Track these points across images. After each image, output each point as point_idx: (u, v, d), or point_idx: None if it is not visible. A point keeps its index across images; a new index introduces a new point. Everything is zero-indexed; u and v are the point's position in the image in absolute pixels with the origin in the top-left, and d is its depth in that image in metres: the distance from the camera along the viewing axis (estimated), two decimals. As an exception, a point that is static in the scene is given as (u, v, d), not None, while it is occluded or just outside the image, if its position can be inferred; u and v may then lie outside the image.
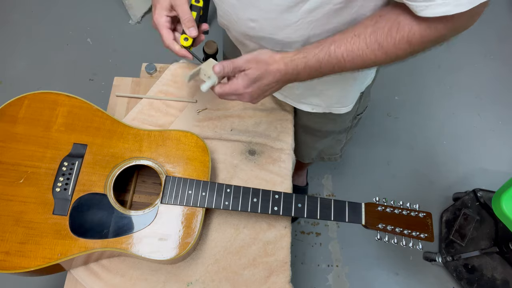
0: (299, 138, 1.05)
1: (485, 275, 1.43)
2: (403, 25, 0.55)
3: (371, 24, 0.58)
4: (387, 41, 0.57)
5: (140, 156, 0.78)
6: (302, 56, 0.62)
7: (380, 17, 0.58)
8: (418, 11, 0.52)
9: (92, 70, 1.89)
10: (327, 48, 0.60)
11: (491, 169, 1.72)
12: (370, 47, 0.58)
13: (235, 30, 0.74)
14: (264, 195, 0.75)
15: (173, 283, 0.77)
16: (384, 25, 0.57)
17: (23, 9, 2.05)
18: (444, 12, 0.50)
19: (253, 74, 0.63)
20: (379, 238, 0.73)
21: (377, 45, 0.58)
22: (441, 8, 0.50)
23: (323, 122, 0.97)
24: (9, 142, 0.77)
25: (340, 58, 0.60)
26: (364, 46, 0.58)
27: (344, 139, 1.10)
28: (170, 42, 0.70)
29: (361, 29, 0.59)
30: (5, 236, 0.70)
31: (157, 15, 0.70)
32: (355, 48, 0.59)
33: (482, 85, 1.93)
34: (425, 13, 0.51)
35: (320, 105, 0.89)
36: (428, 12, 0.51)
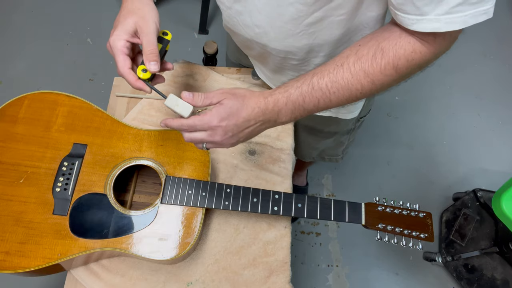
0: (301, 138, 1.05)
1: (485, 275, 1.43)
2: (387, 50, 0.54)
3: (353, 53, 0.56)
4: (373, 67, 0.54)
5: (140, 156, 0.78)
6: (283, 90, 0.58)
7: (360, 46, 0.56)
8: (409, 24, 0.51)
9: (92, 70, 1.89)
10: (309, 80, 0.57)
11: (491, 169, 1.72)
12: (355, 76, 0.55)
13: (241, 35, 0.74)
14: (264, 195, 0.75)
15: (173, 283, 0.77)
16: (367, 52, 0.55)
17: (23, 9, 2.05)
18: (434, 29, 0.49)
19: (229, 104, 0.56)
20: (379, 238, 0.73)
21: (363, 73, 0.55)
22: (432, 24, 0.49)
23: (326, 123, 0.98)
24: (9, 142, 0.77)
25: (325, 89, 0.56)
26: (348, 75, 0.55)
27: (346, 141, 1.10)
28: (125, 70, 0.62)
29: (343, 59, 0.56)
30: (5, 236, 0.70)
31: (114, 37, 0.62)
32: (339, 77, 0.56)
33: (482, 85, 1.93)
34: (416, 27, 0.50)
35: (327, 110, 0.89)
36: (418, 27, 0.50)
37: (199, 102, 0.58)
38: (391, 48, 0.54)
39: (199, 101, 0.58)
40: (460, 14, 0.47)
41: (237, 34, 0.75)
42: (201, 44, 1.10)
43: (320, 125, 0.99)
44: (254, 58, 0.83)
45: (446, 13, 0.47)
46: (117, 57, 0.62)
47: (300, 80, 0.58)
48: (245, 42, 0.76)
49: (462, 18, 0.47)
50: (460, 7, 0.47)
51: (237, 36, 0.77)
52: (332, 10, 0.59)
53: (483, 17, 0.47)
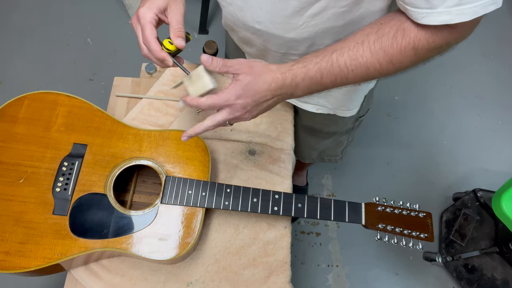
0: (300, 139, 1.05)
1: (485, 275, 1.43)
2: (408, 31, 0.53)
3: (374, 31, 0.55)
4: (393, 47, 0.54)
5: (140, 156, 0.78)
6: (301, 66, 0.57)
7: (382, 24, 0.55)
8: (419, 18, 0.51)
9: (92, 70, 1.89)
10: (328, 57, 0.56)
11: (491, 169, 1.72)
12: (375, 55, 0.55)
13: (241, 31, 0.74)
14: (264, 195, 0.75)
15: (173, 283, 0.77)
16: (388, 31, 0.54)
17: (23, 9, 2.05)
18: (445, 21, 0.49)
19: (245, 81, 0.56)
20: (379, 238, 0.73)
21: (382, 52, 0.54)
22: (443, 17, 0.49)
23: (325, 123, 0.98)
24: (9, 142, 0.77)
25: (343, 67, 0.56)
26: (368, 53, 0.55)
27: (346, 141, 1.10)
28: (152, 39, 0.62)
29: (364, 37, 0.55)
30: (5, 236, 0.70)
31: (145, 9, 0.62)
32: (358, 55, 0.55)
33: (482, 85, 1.93)
34: (426, 21, 0.50)
35: (326, 106, 0.89)
36: (429, 20, 0.50)
37: (217, 67, 0.58)
38: (413, 29, 0.53)
39: (217, 66, 0.58)
40: (470, 5, 0.47)
41: (236, 31, 0.75)
42: (201, 44, 1.10)
43: (320, 125, 0.99)
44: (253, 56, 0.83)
45: (456, 5, 0.47)
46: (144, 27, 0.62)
47: (319, 56, 0.57)
48: (245, 39, 0.76)
49: (472, 9, 0.47)
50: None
51: (236, 33, 0.77)
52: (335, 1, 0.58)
53: (492, 7, 0.48)
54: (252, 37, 0.73)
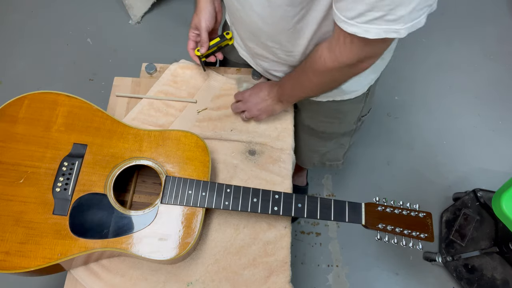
0: (302, 141, 1.05)
1: (485, 275, 1.43)
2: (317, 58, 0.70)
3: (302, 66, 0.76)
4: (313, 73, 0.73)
5: (140, 156, 0.78)
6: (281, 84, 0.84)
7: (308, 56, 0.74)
8: (338, 21, 0.60)
9: (92, 70, 1.89)
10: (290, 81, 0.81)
11: (491, 169, 1.72)
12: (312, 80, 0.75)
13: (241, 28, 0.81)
14: (264, 195, 0.75)
15: (173, 283, 0.77)
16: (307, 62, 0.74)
17: (23, 9, 2.05)
18: (353, 32, 0.58)
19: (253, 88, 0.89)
20: (379, 238, 0.73)
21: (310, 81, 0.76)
22: (352, 28, 0.58)
23: (328, 122, 0.97)
24: (9, 142, 0.77)
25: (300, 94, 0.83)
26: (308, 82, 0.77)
27: (347, 144, 1.10)
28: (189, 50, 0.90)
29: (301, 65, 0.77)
30: (5, 236, 0.70)
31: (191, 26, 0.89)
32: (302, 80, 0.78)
33: (482, 85, 1.93)
34: (341, 25, 0.59)
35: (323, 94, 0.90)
36: (343, 26, 0.59)
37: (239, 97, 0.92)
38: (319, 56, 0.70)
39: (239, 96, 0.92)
40: (375, 26, 0.56)
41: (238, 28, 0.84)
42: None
43: (323, 126, 0.99)
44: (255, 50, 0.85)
45: (365, 23, 0.57)
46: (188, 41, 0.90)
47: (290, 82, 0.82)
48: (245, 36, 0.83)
49: (377, 30, 0.57)
50: (376, 21, 0.55)
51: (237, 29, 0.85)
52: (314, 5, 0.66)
53: (393, 35, 0.57)
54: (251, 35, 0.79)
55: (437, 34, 2.02)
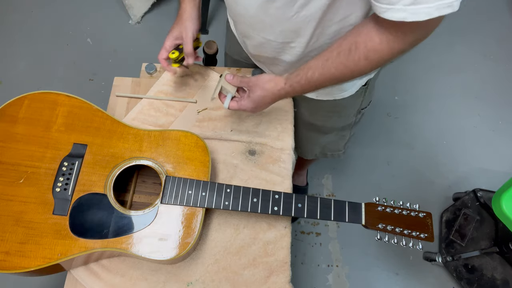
0: (303, 134, 1.05)
1: (485, 275, 1.43)
2: (359, 44, 0.62)
3: (336, 47, 0.66)
4: (349, 60, 0.64)
5: (140, 156, 0.78)
6: (289, 86, 0.73)
7: (343, 40, 0.65)
8: (380, 12, 0.55)
9: (92, 70, 1.89)
10: (305, 76, 0.70)
11: (491, 169, 1.72)
12: (338, 69, 0.66)
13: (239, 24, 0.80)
14: (264, 195, 0.75)
15: (173, 283, 0.77)
16: (345, 46, 0.64)
17: (23, 9, 2.05)
18: (401, 18, 0.52)
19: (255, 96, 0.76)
20: (379, 238, 0.73)
21: (343, 66, 0.65)
22: (400, 14, 0.52)
23: (327, 116, 0.98)
24: (9, 142, 0.77)
25: (317, 82, 0.69)
26: (333, 69, 0.66)
27: (348, 135, 1.10)
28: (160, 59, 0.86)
29: (329, 54, 0.66)
30: (5, 236, 0.70)
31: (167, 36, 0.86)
32: (326, 71, 0.67)
33: (482, 85, 1.93)
34: (386, 15, 0.54)
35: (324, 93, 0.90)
36: (388, 15, 0.54)
37: (236, 83, 0.78)
38: (363, 42, 0.61)
39: (236, 83, 0.78)
40: (425, 5, 0.50)
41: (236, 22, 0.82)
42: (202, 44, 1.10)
43: (322, 120, 0.99)
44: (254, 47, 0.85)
45: (412, 4, 0.51)
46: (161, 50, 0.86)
47: (299, 76, 0.71)
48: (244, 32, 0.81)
49: (427, 9, 0.50)
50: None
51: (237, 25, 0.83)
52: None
53: (447, 10, 0.50)
54: (249, 30, 0.78)
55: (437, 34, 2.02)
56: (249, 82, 0.76)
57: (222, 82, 0.78)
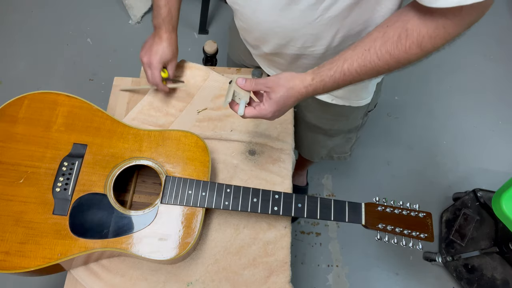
0: (309, 137, 1.05)
1: (485, 275, 1.43)
2: (411, 31, 0.56)
3: (380, 36, 0.59)
4: (398, 49, 0.58)
5: (140, 156, 0.78)
6: (319, 80, 0.65)
7: (387, 27, 0.59)
8: (432, 2, 0.51)
9: (92, 70, 1.89)
10: (340, 68, 0.62)
11: (491, 169, 1.72)
12: (382, 59, 0.59)
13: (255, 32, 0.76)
14: (264, 195, 0.75)
15: (173, 283, 0.77)
16: (392, 34, 0.58)
17: (23, 9, 2.05)
18: (458, 2, 0.49)
19: (277, 97, 0.66)
20: (379, 238, 0.73)
21: (389, 55, 0.59)
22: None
23: (335, 119, 0.97)
24: (9, 142, 0.77)
25: (355, 74, 0.62)
26: (375, 58, 0.60)
27: (354, 138, 1.10)
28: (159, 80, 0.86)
29: (371, 43, 0.60)
30: (5, 236, 0.70)
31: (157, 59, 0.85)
32: (367, 62, 0.61)
33: (482, 85, 1.93)
34: (440, 3, 0.50)
35: (341, 97, 0.90)
36: (442, 3, 0.50)
37: (250, 88, 0.68)
38: (415, 28, 0.56)
39: (250, 87, 0.68)
40: None
41: (250, 31, 0.77)
42: (201, 44, 1.10)
43: (329, 124, 0.99)
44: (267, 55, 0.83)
45: None
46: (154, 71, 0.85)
47: (332, 69, 0.63)
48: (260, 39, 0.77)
49: None
50: None
51: (250, 33, 0.79)
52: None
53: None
54: (266, 36, 0.74)
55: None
56: (267, 83, 0.67)
57: (234, 87, 0.68)
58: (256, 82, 0.67)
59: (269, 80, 0.66)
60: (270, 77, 0.67)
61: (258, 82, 0.67)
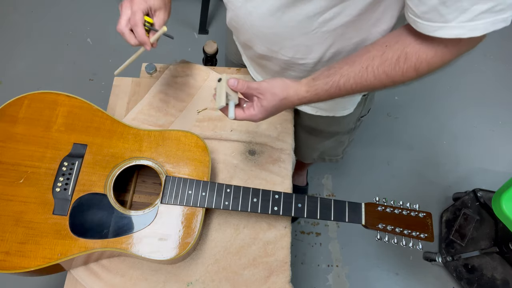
0: (301, 139, 1.05)
1: (485, 275, 1.43)
2: (410, 55, 0.57)
3: (378, 54, 0.60)
4: (395, 71, 0.59)
5: (140, 156, 0.78)
6: (314, 94, 0.65)
7: (387, 47, 0.59)
8: (431, 31, 0.53)
9: (92, 70, 1.89)
10: (336, 84, 0.63)
11: (491, 169, 1.72)
12: (378, 78, 0.60)
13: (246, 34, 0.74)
14: (264, 195, 0.75)
15: (173, 283, 0.77)
16: (391, 55, 0.59)
17: (23, 9, 2.05)
18: (457, 35, 0.51)
19: (269, 105, 0.65)
20: (379, 238, 0.73)
21: (385, 76, 0.60)
22: (456, 31, 0.51)
23: (326, 123, 0.98)
24: (9, 142, 0.77)
25: (349, 89, 0.63)
26: (372, 77, 0.61)
27: (347, 141, 1.11)
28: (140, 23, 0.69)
29: (369, 61, 0.60)
30: (5, 236, 0.70)
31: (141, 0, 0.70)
32: (363, 80, 0.61)
33: (482, 85, 1.93)
34: (439, 34, 0.52)
35: (325, 109, 0.90)
36: (442, 33, 0.52)
37: (242, 89, 0.66)
38: (415, 53, 0.57)
39: (242, 88, 0.66)
40: (482, 21, 0.49)
41: (242, 33, 0.76)
42: (201, 44, 1.10)
43: (321, 126, 0.99)
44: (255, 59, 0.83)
45: (469, 20, 0.49)
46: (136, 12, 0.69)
47: (328, 83, 0.63)
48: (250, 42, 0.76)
49: (484, 25, 0.50)
50: (482, 15, 0.49)
51: (242, 35, 0.77)
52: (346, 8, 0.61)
53: (501, 25, 0.50)
54: (258, 40, 0.73)
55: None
56: (260, 89, 0.65)
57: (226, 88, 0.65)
58: (249, 86, 0.66)
59: (262, 87, 0.65)
60: (263, 83, 0.65)
61: (251, 87, 0.65)
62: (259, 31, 0.70)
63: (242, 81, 0.66)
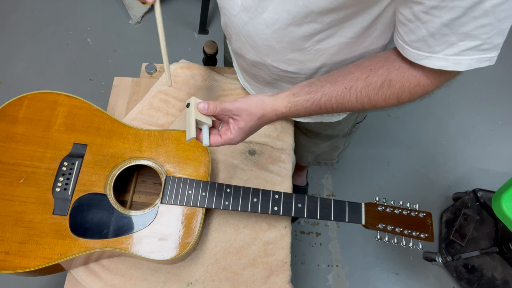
0: (297, 140, 1.05)
1: (485, 275, 1.43)
2: (394, 83, 0.58)
3: (363, 78, 0.59)
4: (378, 96, 0.59)
5: (140, 156, 0.78)
6: (294, 110, 0.63)
7: (371, 71, 0.59)
8: (417, 59, 0.53)
9: (92, 70, 1.89)
10: (317, 102, 0.62)
11: (491, 169, 1.72)
12: (360, 101, 0.60)
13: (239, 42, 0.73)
14: (264, 195, 0.75)
15: (173, 283, 0.77)
16: (376, 80, 0.59)
17: (23, 9, 2.05)
18: (441, 67, 0.52)
19: (246, 126, 0.62)
20: (379, 238, 0.73)
21: (367, 100, 0.60)
22: (440, 62, 0.52)
23: (322, 127, 0.98)
24: (9, 142, 0.77)
25: (330, 108, 0.63)
26: (354, 100, 0.61)
27: (342, 146, 1.11)
28: None
29: (352, 82, 0.60)
30: (5, 236, 0.70)
31: None
32: (345, 101, 0.61)
33: (482, 85, 1.93)
34: (424, 63, 0.53)
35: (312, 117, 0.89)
36: (427, 63, 0.53)
37: (214, 112, 0.62)
38: (398, 81, 0.58)
39: (214, 111, 0.62)
40: (467, 57, 0.50)
41: (234, 40, 0.74)
42: (201, 44, 1.10)
43: (317, 129, 0.99)
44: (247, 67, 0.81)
45: (455, 55, 0.50)
46: None
47: (309, 101, 0.62)
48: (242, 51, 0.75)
49: (468, 61, 0.50)
50: (469, 51, 0.49)
51: (234, 42, 0.75)
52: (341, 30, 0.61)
53: (486, 63, 0.51)
54: (251, 49, 0.72)
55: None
56: (234, 110, 0.61)
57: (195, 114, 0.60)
58: (222, 108, 0.61)
59: (236, 108, 0.61)
60: (237, 103, 0.61)
61: (225, 108, 0.61)
62: (253, 41, 0.69)
63: (213, 103, 0.61)
